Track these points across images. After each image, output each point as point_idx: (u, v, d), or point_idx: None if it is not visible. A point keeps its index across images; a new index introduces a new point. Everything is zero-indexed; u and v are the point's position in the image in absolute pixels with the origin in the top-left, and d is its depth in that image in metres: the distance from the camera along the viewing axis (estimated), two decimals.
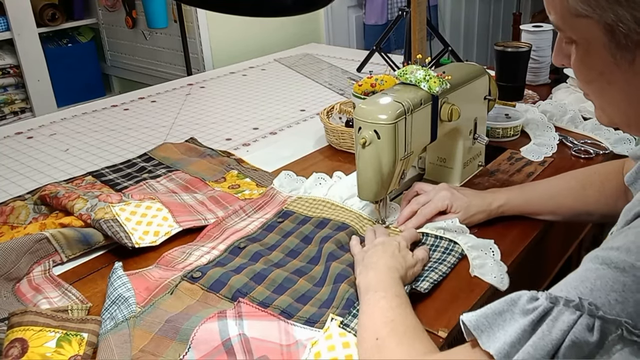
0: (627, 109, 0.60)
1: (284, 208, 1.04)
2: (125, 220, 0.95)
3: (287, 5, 0.92)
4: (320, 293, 0.81)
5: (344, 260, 0.86)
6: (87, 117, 1.62)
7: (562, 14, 0.58)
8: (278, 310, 0.77)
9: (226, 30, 2.44)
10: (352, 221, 0.98)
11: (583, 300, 0.50)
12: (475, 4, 3.67)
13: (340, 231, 0.94)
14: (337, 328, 0.72)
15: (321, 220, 0.99)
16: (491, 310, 0.55)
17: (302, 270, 0.86)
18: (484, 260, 0.85)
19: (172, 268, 0.89)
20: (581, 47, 0.59)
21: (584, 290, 0.51)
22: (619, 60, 0.56)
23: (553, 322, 0.50)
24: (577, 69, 0.62)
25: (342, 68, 2.04)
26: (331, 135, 1.31)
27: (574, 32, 0.59)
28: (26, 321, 0.70)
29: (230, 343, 0.70)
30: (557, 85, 1.58)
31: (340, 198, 1.05)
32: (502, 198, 0.95)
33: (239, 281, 0.82)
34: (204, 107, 1.69)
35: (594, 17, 0.55)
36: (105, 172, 1.23)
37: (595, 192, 0.91)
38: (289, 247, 0.93)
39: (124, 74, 3.05)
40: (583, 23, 0.56)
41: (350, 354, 0.69)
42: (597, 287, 0.50)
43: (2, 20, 2.50)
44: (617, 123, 0.63)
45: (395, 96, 0.90)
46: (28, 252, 0.89)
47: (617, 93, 0.59)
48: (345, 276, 0.82)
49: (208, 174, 1.20)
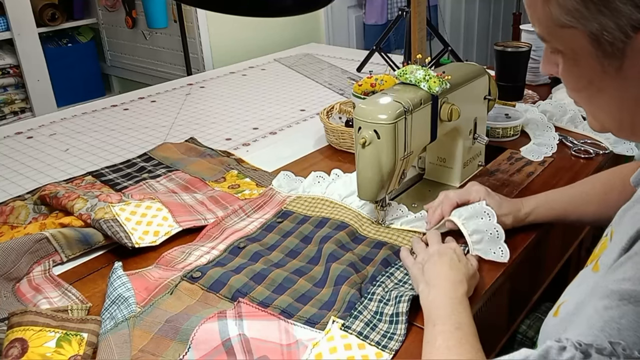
0: (618, 114, 0.60)
1: (283, 208, 1.04)
2: (125, 220, 0.95)
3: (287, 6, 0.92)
4: (321, 294, 0.80)
5: (344, 261, 0.86)
6: (87, 117, 1.62)
7: (547, 25, 0.58)
8: (278, 310, 0.77)
9: (226, 30, 2.44)
10: (352, 220, 0.98)
11: (614, 345, 0.48)
12: (475, 4, 3.67)
13: (340, 230, 0.94)
14: (339, 330, 0.72)
15: (320, 220, 0.99)
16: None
17: (302, 270, 0.86)
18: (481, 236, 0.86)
19: (171, 268, 0.89)
20: (568, 57, 0.59)
21: (611, 331, 0.49)
22: (606, 67, 0.56)
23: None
24: (566, 78, 0.62)
25: (342, 68, 2.04)
26: (331, 135, 1.31)
27: (559, 42, 0.59)
28: (26, 321, 0.70)
29: (230, 343, 0.69)
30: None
31: (339, 196, 1.05)
32: (530, 205, 0.93)
33: (238, 281, 0.82)
34: (204, 107, 1.68)
35: (578, 27, 0.55)
36: (104, 172, 1.23)
37: (616, 195, 0.89)
38: (289, 247, 0.93)
39: (124, 74, 3.05)
40: (568, 33, 0.56)
41: (352, 356, 0.68)
42: (623, 326, 0.48)
43: (2, 20, 2.50)
44: (609, 129, 0.63)
45: (395, 96, 0.90)
46: (28, 252, 0.89)
47: (607, 99, 0.59)
48: (346, 277, 0.81)
49: (208, 174, 1.20)
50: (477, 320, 0.81)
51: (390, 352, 0.70)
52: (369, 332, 0.72)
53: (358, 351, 0.69)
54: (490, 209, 0.88)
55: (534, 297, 1.08)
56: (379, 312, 0.76)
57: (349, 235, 0.93)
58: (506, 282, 0.90)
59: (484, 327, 0.71)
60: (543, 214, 0.93)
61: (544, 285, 1.12)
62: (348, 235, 0.93)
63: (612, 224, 0.64)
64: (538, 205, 0.93)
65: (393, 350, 0.70)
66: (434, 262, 0.78)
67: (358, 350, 0.69)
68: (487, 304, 0.84)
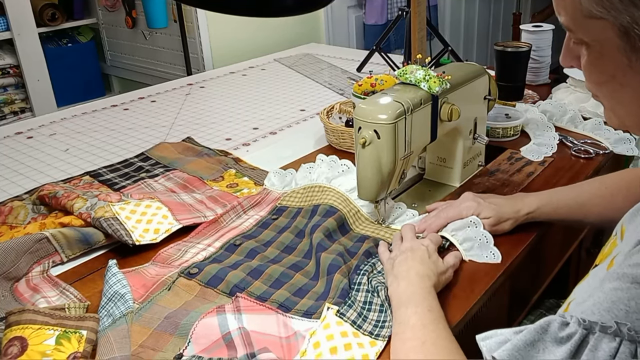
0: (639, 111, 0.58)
1: (277, 204, 1.05)
2: (125, 218, 0.95)
3: (287, 5, 0.92)
4: (317, 287, 0.82)
5: (332, 251, 0.87)
6: (87, 117, 1.62)
7: (574, 14, 0.56)
8: (276, 304, 0.77)
9: (226, 30, 2.44)
10: (340, 204, 0.98)
11: (621, 325, 0.47)
12: (475, 4, 3.67)
13: (328, 217, 0.95)
14: (334, 317, 0.73)
15: (312, 208, 0.99)
16: (522, 341, 0.51)
17: (298, 265, 0.87)
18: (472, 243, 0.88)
19: (168, 265, 0.89)
20: (593, 49, 0.57)
21: (618, 313, 0.48)
22: (633, 63, 0.54)
23: (593, 351, 0.47)
24: (588, 71, 0.59)
25: (342, 68, 2.04)
26: (331, 135, 1.31)
27: (585, 33, 0.56)
28: (24, 319, 0.70)
29: (231, 336, 0.70)
30: (557, 85, 1.58)
31: (327, 179, 1.05)
32: (532, 205, 0.92)
33: (236, 276, 0.83)
34: (204, 107, 1.68)
35: (608, 19, 0.53)
36: (102, 171, 1.23)
37: (622, 198, 0.89)
38: (284, 243, 0.93)
39: (124, 74, 3.05)
40: (596, 25, 0.54)
41: (348, 343, 0.69)
42: (632, 308, 0.48)
43: (2, 20, 2.50)
44: (628, 125, 0.62)
45: (395, 96, 0.90)
46: (28, 251, 0.89)
47: (629, 95, 0.57)
48: (338, 266, 0.83)
49: (206, 173, 1.20)
50: (477, 320, 0.81)
51: (384, 339, 0.71)
52: (362, 322, 0.74)
53: (354, 339, 0.70)
54: (476, 218, 0.90)
55: (534, 297, 1.08)
56: (367, 302, 0.77)
57: (337, 222, 0.94)
58: (506, 281, 0.90)
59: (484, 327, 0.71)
60: (547, 213, 0.93)
61: (544, 285, 1.12)
62: (336, 222, 0.94)
63: (623, 222, 0.63)
64: (541, 205, 0.92)
65: (385, 337, 0.71)
66: (405, 257, 0.79)
67: (353, 338, 0.70)
68: (487, 304, 0.84)
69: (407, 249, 0.81)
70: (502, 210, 0.91)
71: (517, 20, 3.42)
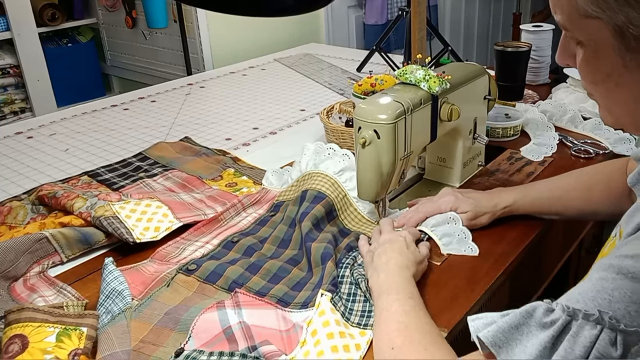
0: (635, 110, 0.59)
1: (275, 202, 1.05)
2: (125, 217, 0.95)
3: (287, 5, 0.92)
4: (313, 278, 0.83)
5: (322, 239, 0.88)
6: (87, 117, 1.62)
7: (570, 14, 0.56)
8: (275, 299, 0.78)
9: (226, 30, 2.44)
10: (328, 189, 0.98)
11: (603, 314, 0.48)
12: (475, 3, 3.67)
13: (317, 203, 0.96)
14: (328, 303, 0.74)
15: (300, 195, 1.00)
16: (507, 324, 0.52)
17: (296, 259, 0.88)
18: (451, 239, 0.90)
19: (166, 262, 0.90)
20: (588, 48, 0.57)
21: (602, 302, 0.49)
22: (628, 62, 0.54)
23: (574, 337, 0.49)
24: (583, 70, 0.60)
25: (342, 68, 2.04)
26: (331, 135, 1.31)
27: (581, 32, 0.56)
28: (24, 317, 0.70)
29: (231, 330, 0.71)
30: (557, 85, 1.58)
31: (314, 165, 1.06)
32: (509, 199, 0.94)
33: (234, 272, 0.83)
34: (204, 107, 1.68)
35: (603, 18, 0.53)
36: (100, 171, 1.23)
37: (600, 191, 0.90)
38: (279, 237, 0.94)
39: (124, 74, 3.05)
40: (592, 24, 0.54)
41: (342, 331, 0.71)
42: (615, 298, 0.49)
43: (2, 20, 2.50)
44: (624, 124, 0.62)
45: (395, 96, 0.90)
46: (27, 251, 0.88)
47: (624, 94, 0.58)
48: (330, 254, 0.84)
49: (205, 172, 1.20)
50: None
51: (372, 328, 0.72)
52: (349, 314, 0.75)
53: (345, 329, 0.72)
54: (455, 214, 0.92)
55: (534, 297, 1.08)
56: (351, 293, 0.79)
57: (325, 208, 0.95)
58: (506, 281, 0.90)
59: None
60: (524, 206, 0.94)
61: (544, 285, 1.12)
62: (324, 209, 0.95)
63: (621, 223, 0.63)
64: (517, 199, 0.94)
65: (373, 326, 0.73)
66: (384, 249, 0.81)
67: (345, 328, 0.72)
68: (487, 304, 0.84)
69: (386, 241, 0.83)
70: (479, 204, 0.93)
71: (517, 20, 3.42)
